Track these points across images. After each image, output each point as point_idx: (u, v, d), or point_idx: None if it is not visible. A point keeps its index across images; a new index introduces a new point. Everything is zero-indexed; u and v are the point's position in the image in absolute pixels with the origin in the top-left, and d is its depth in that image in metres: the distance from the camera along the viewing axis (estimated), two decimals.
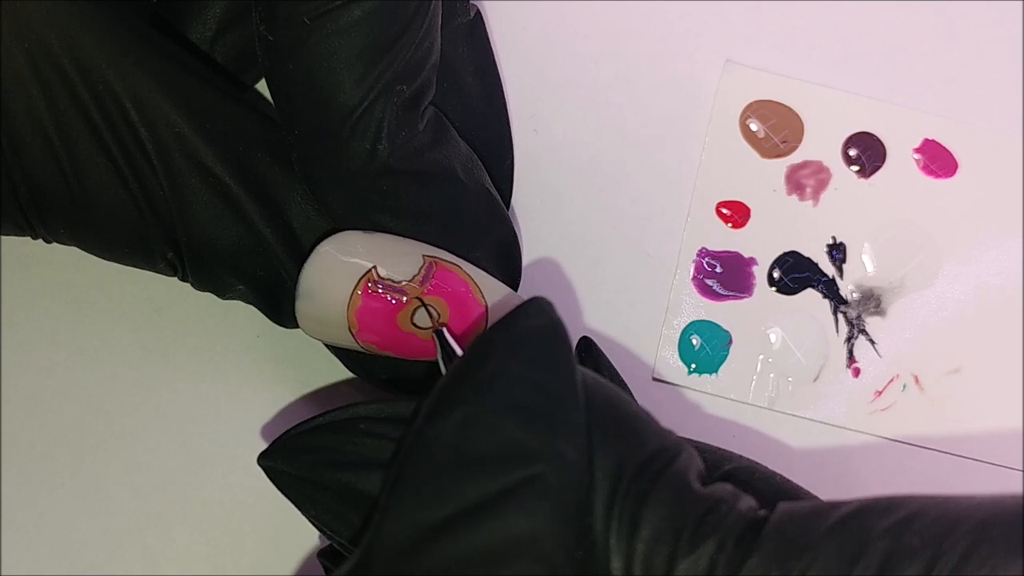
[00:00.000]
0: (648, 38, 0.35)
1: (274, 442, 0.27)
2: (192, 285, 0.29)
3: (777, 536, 0.22)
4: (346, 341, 0.28)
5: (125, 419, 0.32)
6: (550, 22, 0.34)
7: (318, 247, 0.28)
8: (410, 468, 0.23)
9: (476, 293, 0.28)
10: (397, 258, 0.28)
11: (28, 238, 0.29)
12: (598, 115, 0.34)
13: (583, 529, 0.23)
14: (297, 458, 0.26)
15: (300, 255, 0.28)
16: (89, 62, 0.26)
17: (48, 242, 0.29)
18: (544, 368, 0.24)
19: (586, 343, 0.30)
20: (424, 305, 0.28)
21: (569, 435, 0.23)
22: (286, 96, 0.26)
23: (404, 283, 0.28)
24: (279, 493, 0.31)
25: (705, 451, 0.26)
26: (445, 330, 0.28)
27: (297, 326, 0.29)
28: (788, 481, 0.26)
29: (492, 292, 0.29)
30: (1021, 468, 0.32)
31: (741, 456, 0.26)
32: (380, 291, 0.28)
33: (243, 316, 0.32)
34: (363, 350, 0.28)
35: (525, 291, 0.33)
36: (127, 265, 0.29)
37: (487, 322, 0.28)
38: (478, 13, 0.31)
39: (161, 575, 0.31)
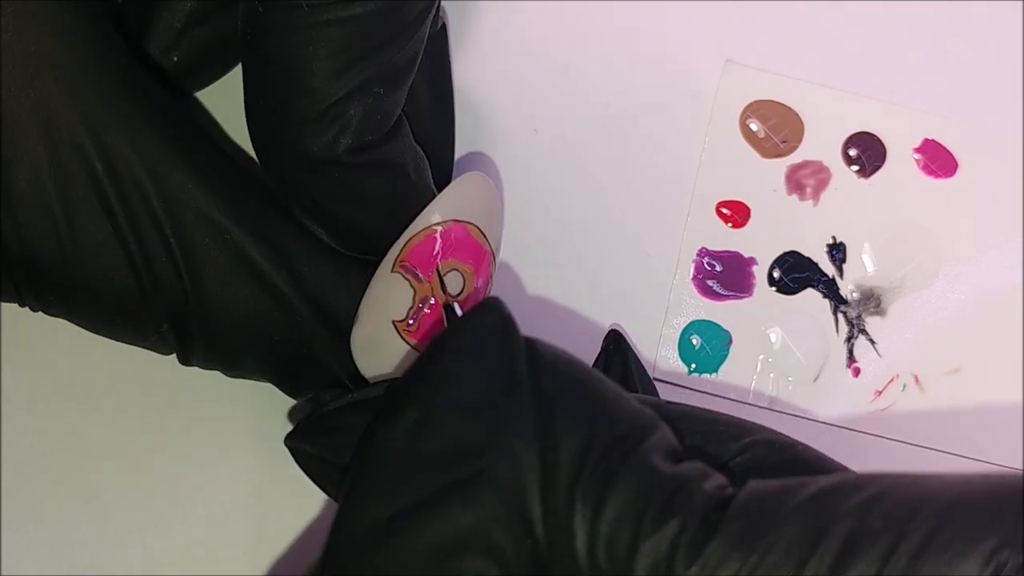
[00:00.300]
0: (648, 38, 0.35)
1: (300, 422, 0.27)
2: (197, 361, 0.28)
3: (741, 516, 0.22)
4: None
5: (125, 419, 0.32)
6: (550, 22, 0.34)
7: (351, 342, 0.28)
8: (364, 466, 0.24)
9: (449, 225, 0.28)
10: (391, 293, 0.28)
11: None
12: (598, 115, 0.34)
13: (534, 517, 0.23)
14: (318, 439, 0.27)
15: (321, 306, 0.28)
16: (94, 116, 0.26)
17: (35, 310, 0.28)
18: (493, 365, 0.24)
19: (615, 336, 0.31)
20: (440, 280, 0.28)
21: (517, 428, 0.23)
22: (262, 63, 0.26)
23: (414, 300, 0.28)
24: (278, 493, 0.32)
25: (723, 424, 0.26)
26: (456, 306, 0.28)
27: (308, 395, 0.29)
28: (809, 451, 0.26)
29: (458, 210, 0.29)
30: (1021, 468, 0.32)
31: (763, 428, 0.26)
32: (416, 322, 0.28)
33: None
34: None
35: (525, 291, 0.33)
36: (117, 339, 0.28)
37: (485, 234, 0.29)
38: (444, 27, 0.31)
39: (161, 575, 0.31)
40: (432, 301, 0.28)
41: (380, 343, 0.28)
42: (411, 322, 0.28)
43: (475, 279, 0.29)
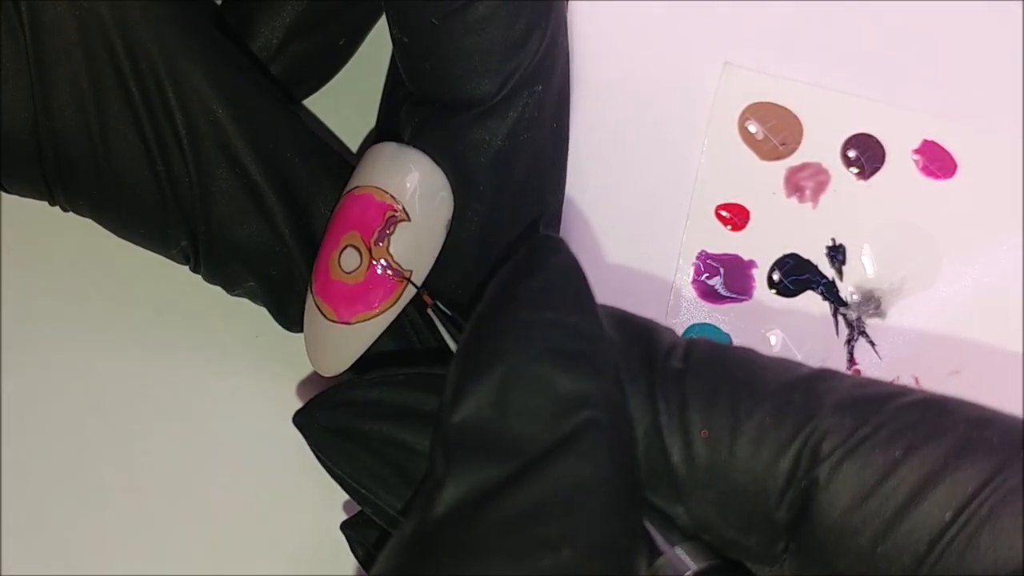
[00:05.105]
0: (647, 39, 0.35)
1: (310, 400, 0.26)
2: (203, 277, 0.29)
3: (851, 408, 0.22)
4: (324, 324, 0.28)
5: (125, 419, 0.32)
6: None
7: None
8: (457, 432, 0.22)
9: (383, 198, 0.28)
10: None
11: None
12: (597, 116, 0.34)
13: (636, 460, 0.23)
14: (335, 412, 0.26)
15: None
16: (137, 37, 0.27)
17: (65, 210, 0.28)
18: (574, 309, 0.23)
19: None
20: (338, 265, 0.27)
21: (609, 373, 0.23)
22: (425, 89, 0.27)
23: None
24: (279, 492, 0.32)
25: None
26: (431, 301, 0.27)
27: (300, 330, 0.29)
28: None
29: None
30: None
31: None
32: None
33: (243, 316, 0.32)
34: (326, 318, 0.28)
35: None
36: (140, 245, 0.29)
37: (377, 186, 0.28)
38: None
39: (161, 575, 0.31)
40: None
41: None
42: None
43: (366, 240, 0.27)
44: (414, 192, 0.27)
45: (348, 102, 0.33)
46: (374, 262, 0.27)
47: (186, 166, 0.27)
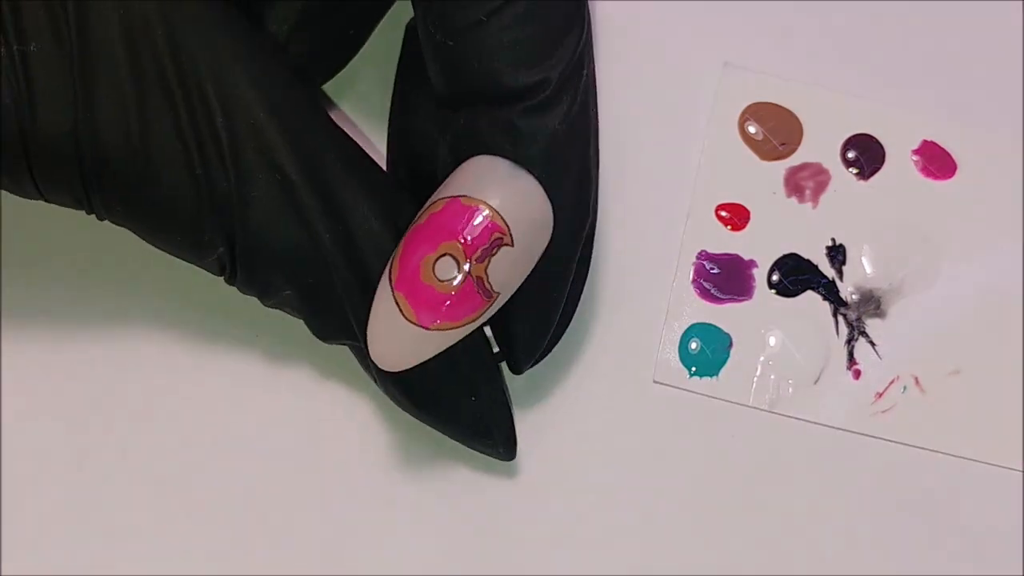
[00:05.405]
0: (646, 39, 0.35)
1: None
2: (239, 287, 0.29)
3: None
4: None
5: (125, 419, 0.32)
6: None
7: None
8: None
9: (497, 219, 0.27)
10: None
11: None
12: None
13: None
14: None
15: (359, 264, 0.28)
16: (182, 37, 0.26)
17: (100, 218, 0.28)
18: None
19: None
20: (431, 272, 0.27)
21: None
22: (472, 88, 0.27)
23: None
24: (279, 493, 0.32)
25: None
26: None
27: (335, 341, 0.29)
28: None
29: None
30: (1021, 468, 0.32)
31: None
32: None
33: (242, 317, 0.32)
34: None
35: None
36: (174, 254, 0.28)
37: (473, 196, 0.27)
38: None
39: (161, 575, 0.31)
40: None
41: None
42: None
43: (468, 254, 0.27)
44: (525, 220, 0.27)
45: (356, 94, 0.33)
46: (471, 278, 0.27)
47: (225, 169, 0.27)
